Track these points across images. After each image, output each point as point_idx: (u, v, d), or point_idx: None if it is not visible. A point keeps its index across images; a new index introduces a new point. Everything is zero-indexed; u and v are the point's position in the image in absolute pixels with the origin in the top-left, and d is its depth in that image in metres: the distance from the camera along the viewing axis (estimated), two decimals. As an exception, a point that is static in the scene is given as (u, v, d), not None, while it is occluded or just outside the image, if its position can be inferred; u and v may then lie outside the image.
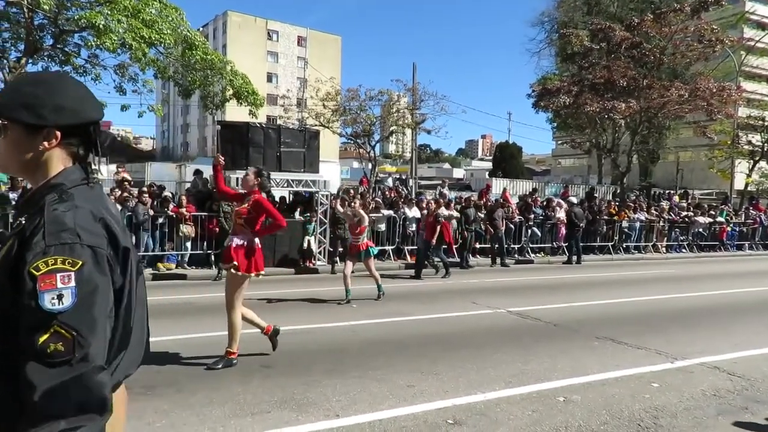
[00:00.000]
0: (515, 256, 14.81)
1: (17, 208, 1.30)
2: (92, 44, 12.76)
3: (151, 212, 10.84)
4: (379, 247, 13.30)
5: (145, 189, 12.14)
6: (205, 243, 11.25)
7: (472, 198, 15.68)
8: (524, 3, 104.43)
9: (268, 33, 63.91)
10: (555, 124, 40.10)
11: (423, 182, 34.36)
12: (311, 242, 12.07)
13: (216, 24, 63.19)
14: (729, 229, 19.73)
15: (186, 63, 15.12)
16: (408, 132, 28.38)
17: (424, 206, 12.42)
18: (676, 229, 18.62)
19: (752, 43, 30.56)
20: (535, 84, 28.36)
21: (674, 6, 21.51)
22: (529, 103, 29.06)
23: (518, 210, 15.58)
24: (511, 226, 14.78)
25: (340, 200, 12.02)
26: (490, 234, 13.85)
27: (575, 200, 16.90)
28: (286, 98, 27.72)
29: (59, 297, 1.13)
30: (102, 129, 1.41)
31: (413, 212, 13.64)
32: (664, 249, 18.04)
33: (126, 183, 12.29)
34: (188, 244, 11.23)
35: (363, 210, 8.65)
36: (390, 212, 13.75)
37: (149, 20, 12.94)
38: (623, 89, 21.25)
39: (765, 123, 25.44)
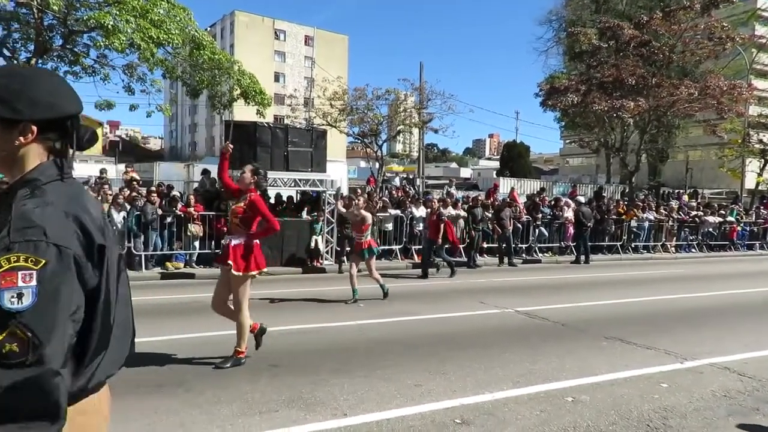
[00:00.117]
0: (523, 256, 14.76)
1: None
2: (101, 44, 12.85)
3: (160, 211, 10.90)
4: (386, 247, 13.36)
5: (154, 188, 12.20)
6: (213, 242, 11.29)
7: (480, 197, 15.64)
8: (532, 1, 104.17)
9: (276, 32, 64.05)
10: (563, 123, 39.93)
11: (430, 182, 34.30)
12: (318, 242, 12.09)
13: (224, 24, 63.43)
14: (739, 229, 19.54)
15: (194, 63, 15.20)
16: (415, 131, 28.38)
17: (435, 206, 12.35)
18: (686, 229, 18.47)
19: (764, 41, 30.21)
20: (543, 83, 28.21)
21: (684, 3, 21.31)
22: (537, 102, 28.93)
23: (526, 209, 15.52)
24: (519, 226, 14.73)
25: (344, 200, 12.03)
26: (498, 233, 13.81)
27: (583, 200, 16.81)
28: (294, 98, 27.79)
29: (19, 296, 1.10)
30: (81, 123, 1.38)
31: (420, 212, 13.62)
32: (674, 249, 17.90)
33: (135, 182, 12.38)
34: (196, 244, 11.28)
35: (366, 208, 8.61)
36: (397, 212, 13.75)
37: (157, 20, 13.01)
38: (632, 88, 21.10)
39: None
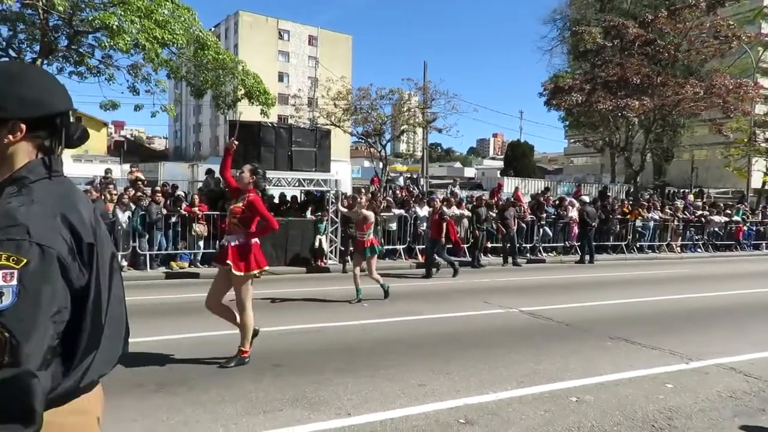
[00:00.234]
0: (527, 256, 14.73)
1: None
2: (106, 45, 12.90)
3: (165, 211, 10.93)
4: (390, 246, 13.36)
5: (159, 188, 12.27)
6: (218, 242, 11.28)
7: (484, 197, 15.61)
8: (536, 0, 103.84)
9: (279, 32, 64.15)
10: (567, 123, 39.76)
11: (434, 181, 34.29)
12: (323, 241, 12.09)
13: (228, 24, 63.55)
14: (745, 228, 19.44)
15: (198, 63, 15.26)
16: (419, 131, 28.40)
17: (437, 205, 12.33)
18: (691, 229, 18.38)
19: (770, 39, 30.02)
20: (547, 82, 28.12)
21: (689, 2, 21.22)
22: (541, 102, 28.87)
23: (530, 209, 15.49)
24: (523, 226, 14.69)
25: (348, 200, 12.03)
26: (502, 233, 13.79)
27: (588, 199, 16.77)
28: (298, 97, 27.90)
29: None
30: (72, 121, 1.36)
31: (424, 211, 13.61)
32: (679, 248, 17.82)
33: (139, 182, 12.42)
34: (201, 243, 11.31)
35: (370, 207, 8.58)
36: (401, 211, 13.74)
37: (162, 21, 13.06)
38: (637, 87, 21.02)
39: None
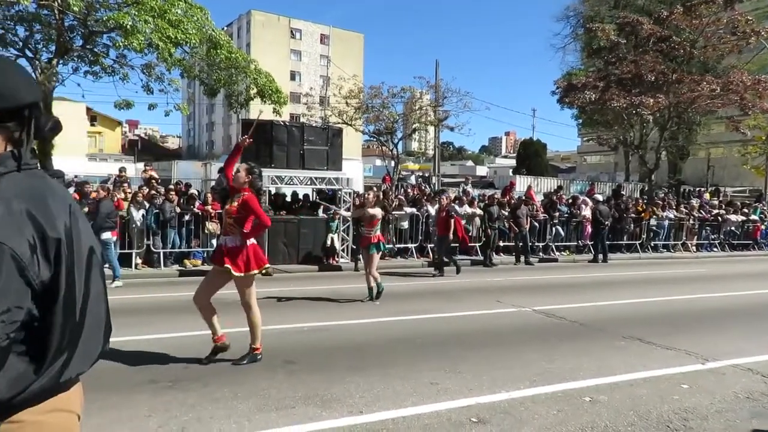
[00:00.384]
0: (540, 255, 14.64)
1: None
2: (120, 45, 13.03)
3: (178, 209, 11.03)
4: (402, 245, 13.36)
5: (172, 187, 12.36)
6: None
7: (496, 196, 15.54)
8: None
9: (291, 31, 64.35)
10: (580, 121, 39.41)
11: (446, 180, 34.20)
12: (334, 240, 12.12)
13: (240, 23, 63.89)
14: (763, 228, 19.14)
15: (211, 62, 15.34)
16: (431, 129, 28.30)
17: (443, 203, 12.15)
18: (707, 228, 18.14)
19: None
20: (560, 80, 27.87)
21: (706, -3, 20.87)
22: (554, 100, 28.62)
23: (543, 208, 15.39)
24: (536, 224, 14.60)
25: (359, 198, 12.03)
26: (514, 232, 13.72)
27: (601, 198, 16.62)
28: (309, 96, 27.94)
29: None
30: (43, 112, 1.34)
31: (436, 210, 13.57)
32: (694, 248, 17.59)
33: (153, 181, 12.54)
34: (214, 241, 11.36)
35: (378, 204, 8.51)
36: (413, 210, 13.73)
37: (175, 20, 13.15)
38: (651, 84, 20.74)
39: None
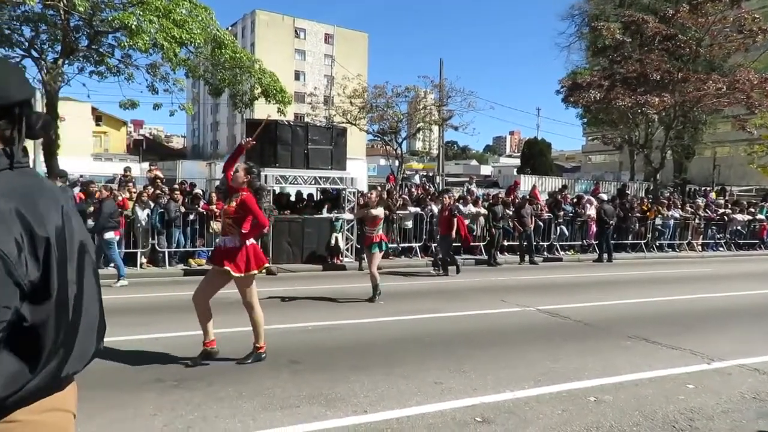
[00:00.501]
0: (544, 254, 14.60)
1: None
2: (125, 45, 13.07)
3: (183, 209, 11.06)
4: (406, 244, 13.36)
5: (177, 186, 12.40)
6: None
7: (500, 195, 15.50)
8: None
9: (296, 31, 64.42)
10: (585, 120, 39.31)
11: (450, 179, 34.15)
12: (339, 239, 12.13)
13: (244, 23, 64.01)
14: (769, 227, 19.03)
15: (215, 62, 15.39)
16: (435, 129, 28.29)
17: (446, 202, 12.06)
18: (713, 227, 18.06)
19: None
20: (565, 79, 27.80)
21: (712, -5, 20.75)
22: (559, 99, 28.56)
23: (548, 207, 15.35)
24: (540, 224, 14.57)
25: (364, 198, 12.01)
26: (519, 231, 13.69)
27: (606, 197, 16.56)
28: (314, 96, 27.95)
29: None
30: (34, 110, 1.33)
31: (439, 209, 13.56)
32: (700, 247, 17.51)
33: (158, 180, 12.59)
34: (218, 240, 11.41)
35: (380, 203, 8.49)
36: (417, 209, 13.72)
37: (180, 20, 13.19)
38: (657, 83, 20.64)
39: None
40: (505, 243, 14.17)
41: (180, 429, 3.53)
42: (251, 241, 4.87)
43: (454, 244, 11.66)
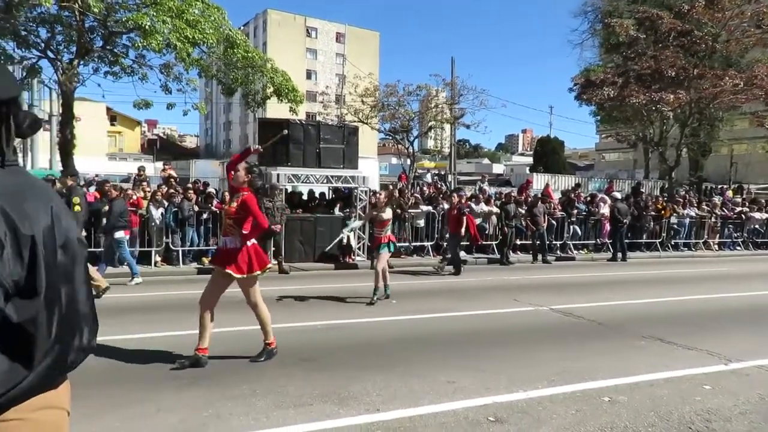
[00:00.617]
0: (557, 253, 14.50)
1: None
2: (139, 45, 13.22)
3: (196, 208, 11.15)
4: (418, 243, 13.34)
5: (190, 185, 12.50)
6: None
7: (513, 194, 15.42)
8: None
9: (307, 30, 64.61)
10: (599, 118, 38.92)
11: (462, 178, 34.07)
12: (350, 238, 12.14)
13: (256, 22, 64.32)
14: (788, 226, 18.70)
15: (228, 61, 15.48)
16: (447, 127, 28.21)
17: (455, 200, 11.94)
18: (730, 226, 17.79)
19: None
20: (578, 76, 27.59)
21: (729, -10, 20.45)
22: (572, 96, 28.33)
23: (561, 206, 15.23)
24: (553, 222, 14.47)
25: (375, 197, 12.02)
26: (532, 230, 13.60)
27: (619, 195, 16.40)
28: (325, 95, 28.05)
29: None
30: (22, 109, 1.33)
31: (448, 207, 13.52)
32: (716, 246, 17.27)
33: (172, 180, 12.69)
34: (231, 239, 11.48)
35: (390, 202, 8.47)
36: (429, 208, 13.70)
37: (192, 20, 13.29)
38: (672, 80, 20.40)
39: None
40: (518, 242, 14.10)
41: (195, 426, 3.56)
42: (252, 242, 4.85)
43: (463, 243, 11.58)
